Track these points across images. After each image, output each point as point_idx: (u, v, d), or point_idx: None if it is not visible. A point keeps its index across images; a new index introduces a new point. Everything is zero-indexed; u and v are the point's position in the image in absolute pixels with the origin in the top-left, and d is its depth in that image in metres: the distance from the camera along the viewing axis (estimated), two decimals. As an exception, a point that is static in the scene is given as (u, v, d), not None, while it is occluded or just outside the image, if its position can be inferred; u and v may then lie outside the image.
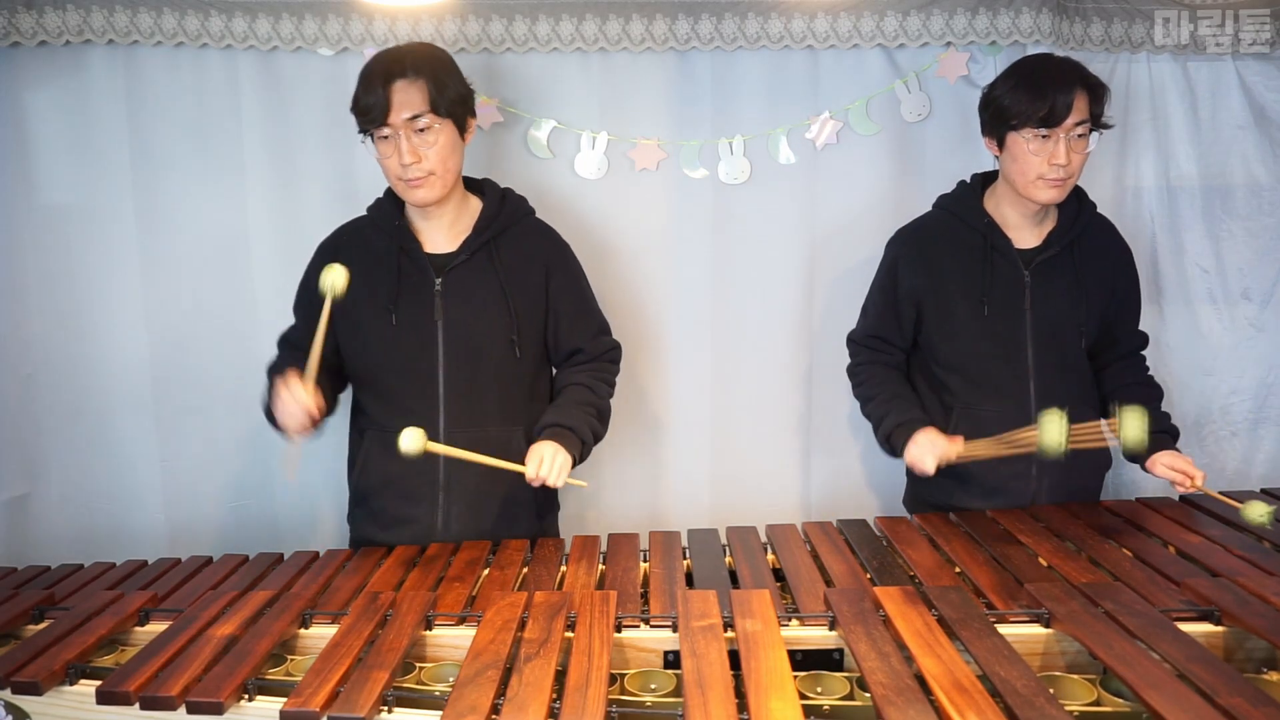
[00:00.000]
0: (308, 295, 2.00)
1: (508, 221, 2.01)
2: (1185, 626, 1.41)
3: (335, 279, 1.82)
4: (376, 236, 1.99)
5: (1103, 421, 1.85)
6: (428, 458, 1.89)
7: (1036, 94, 1.91)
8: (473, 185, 2.05)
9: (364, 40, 2.33)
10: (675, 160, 2.47)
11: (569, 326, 2.04)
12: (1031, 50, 2.39)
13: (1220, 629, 1.44)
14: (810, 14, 2.38)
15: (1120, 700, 1.31)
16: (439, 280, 1.94)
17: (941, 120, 2.48)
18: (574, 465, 1.90)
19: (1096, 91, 1.95)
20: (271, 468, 2.43)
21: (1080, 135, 1.93)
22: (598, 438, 1.99)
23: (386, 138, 1.86)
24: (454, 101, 1.88)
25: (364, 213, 2.06)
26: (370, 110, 1.84)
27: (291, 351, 1.99)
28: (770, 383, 2.59)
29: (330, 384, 1.97)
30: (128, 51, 2.33)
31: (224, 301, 2.43)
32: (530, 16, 2.36)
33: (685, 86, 2.45)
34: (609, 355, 2.10)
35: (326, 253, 2.01)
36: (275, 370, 1.93)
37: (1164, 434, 2.05)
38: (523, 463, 1.83)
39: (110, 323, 2.44)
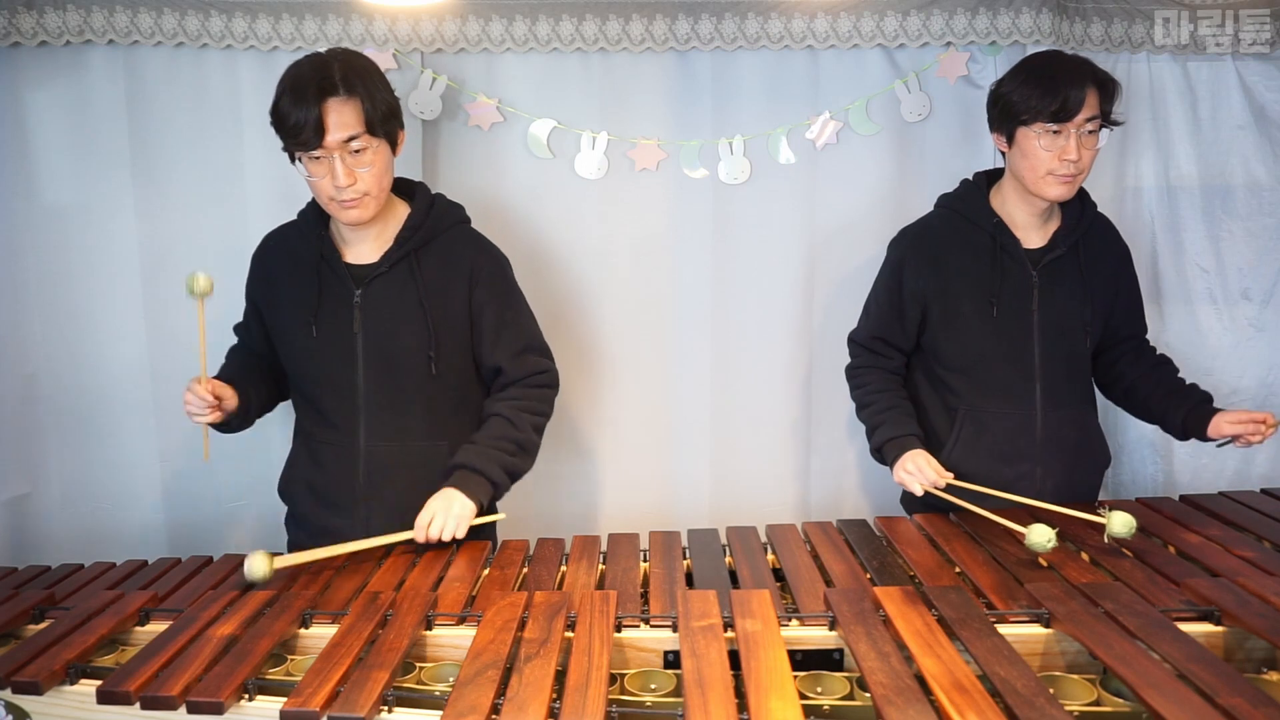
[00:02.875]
0: (248, 297, 2.05)
1: (432, 231, 1.93)
2: (1185, 626, 1.41)
3: (192, 284, 1.81)
4: (302, 245, 1.94)
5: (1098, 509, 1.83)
6: (348, 467, 1.92)
7: (1049, 89, 1.90)
8: (404, 188, 1.97)
9: (364, 40, 2.33)
10: (675, 160, 2.47)
11: (490, 342, 1.95)
12: (1032, 50, 2.39)
13: (1220, 629, 1.44)
14: (810, 14, 2.39)
15: (1120, 700, 1.31)
16: (358, 292, 1.90)
17: (942, 120, 2.48)
18: (491, 500, 1.88)
19: (1107, 88, 1.94)
20: (272, 468, 2.43)
21: (1090, 132, 1.93)
22: (514, 475, 1.92)
23: (318, 159, 1.78)
24: (387, 117, 1.81)
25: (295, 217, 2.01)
26: (301, 131, 1.74)
27: (235, 352, 2.09)
28: (770, 383, 2.59)
29: (268, 383, 2.02)
30: (128, 51, 2.33)
31: (224, 301, 2.42)
32: (530, 16, 2.36)
33: (685, 86, 2.45)
34: (536, 380, 1.98)
35: (257, 260, 2.01)
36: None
37: (1205, 402, 2.06)
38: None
39: (110, 323, 2.44)
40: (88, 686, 1.37)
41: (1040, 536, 1.69)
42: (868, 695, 1.26)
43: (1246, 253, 2.55)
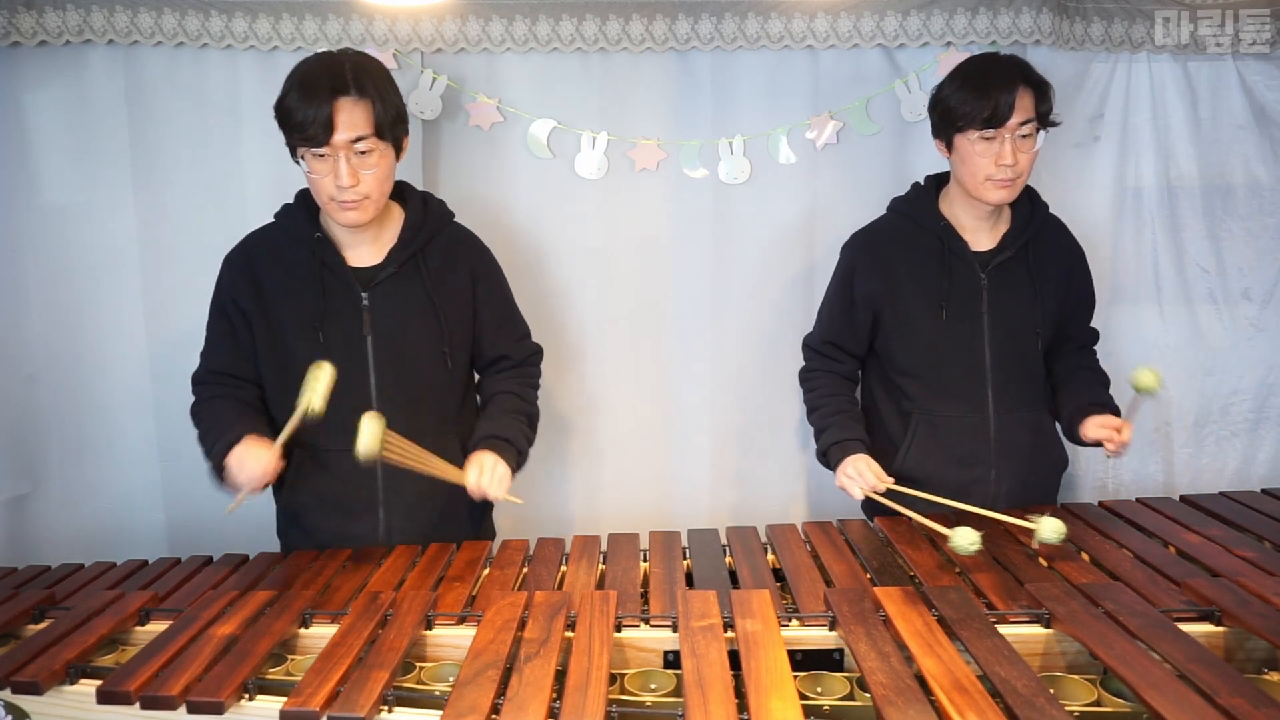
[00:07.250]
0: (223, 310, 1.93)
1: (433, 230, 1.95)
2: (1185, 626, 1.41)
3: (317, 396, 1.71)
4: (293, 249, 1.90)
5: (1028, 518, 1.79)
6: (364, 471, 1.87)
7: (979, 94, 1.90)
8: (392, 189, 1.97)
9: (364, 40, 2.33)
10: (675, 160, 2.47)
11: (494, 333, 2.01)
12: (1032, 50, 2.39)
13: (1221, 629, 1.44)
14: (810, 14, 2.39)
15: (1120, 700, 1.31)
16: (365, 295, 1.89)
17: (941, 120, 2.47)
18: (514, 470, 1.89)
19: (1041, 89, 1.94)
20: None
21: (1026, 135, 1.93)
22: (529, 446, 1.98)
23: (323, 156, 1.77)
24: (395, 122, 1.81)
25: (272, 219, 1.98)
26: (309, 127, 1.73)
27: (227, 388, 1.93)
28: (770, 382, 2.58)
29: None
30: (128, 51, 2.33)
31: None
32: (530, 16, 2.36)
33: (685, 86, 2.45)
34: (531, 360, 2.08)
35: (236, 265, 1.93)
36: (218, 421, 1.86)
37: (1097, 405, 2.03)
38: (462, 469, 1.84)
39: (110, 323, 2.44)
40: (88, 686, 1.37)
41: (964, 539, 1.67)
42: (868, 695, 1.26)
43: (1246, 253, 2.54)
